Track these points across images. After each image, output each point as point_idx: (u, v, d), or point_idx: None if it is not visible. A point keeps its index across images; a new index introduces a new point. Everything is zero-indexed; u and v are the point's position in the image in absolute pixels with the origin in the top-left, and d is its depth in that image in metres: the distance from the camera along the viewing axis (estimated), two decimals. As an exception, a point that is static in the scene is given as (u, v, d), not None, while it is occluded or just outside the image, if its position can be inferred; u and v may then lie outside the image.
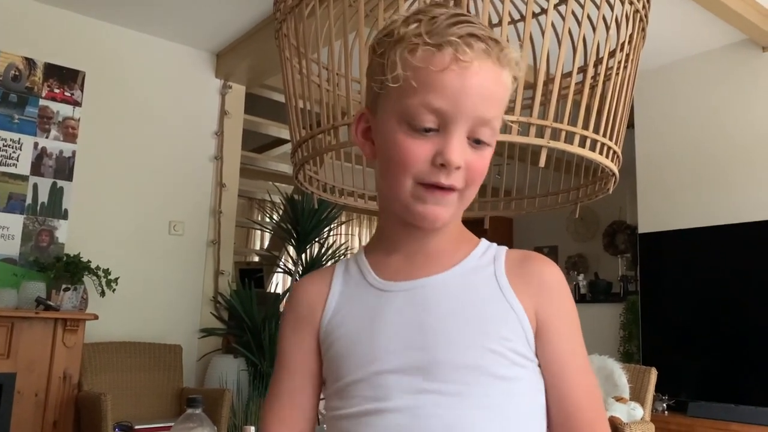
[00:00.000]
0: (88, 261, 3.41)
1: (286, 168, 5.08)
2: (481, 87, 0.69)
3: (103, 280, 3.43)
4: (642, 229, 3.84)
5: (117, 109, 3.82)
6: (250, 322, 3.76)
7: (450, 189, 0.71)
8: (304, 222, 4.22)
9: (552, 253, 5.65)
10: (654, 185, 3.87)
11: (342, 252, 4.57)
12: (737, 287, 3.30)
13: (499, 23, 1.91)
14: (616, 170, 1.67)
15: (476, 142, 0.71)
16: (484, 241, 0.81)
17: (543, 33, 1.56)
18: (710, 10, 3.15)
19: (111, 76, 3.81)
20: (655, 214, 3.80)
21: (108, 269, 3.47)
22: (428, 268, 0.77)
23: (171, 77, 4.03)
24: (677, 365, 3.37)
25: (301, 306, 0.80)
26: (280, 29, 1.80)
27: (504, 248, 0.81)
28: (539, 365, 0.74)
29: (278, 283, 5.97)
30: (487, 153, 0.73)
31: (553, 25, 1.60)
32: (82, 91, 3.70)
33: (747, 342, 3.20)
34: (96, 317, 3.23)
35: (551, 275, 0.78)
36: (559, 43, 1.70)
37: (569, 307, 0.78)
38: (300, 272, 4.27)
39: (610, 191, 1.76)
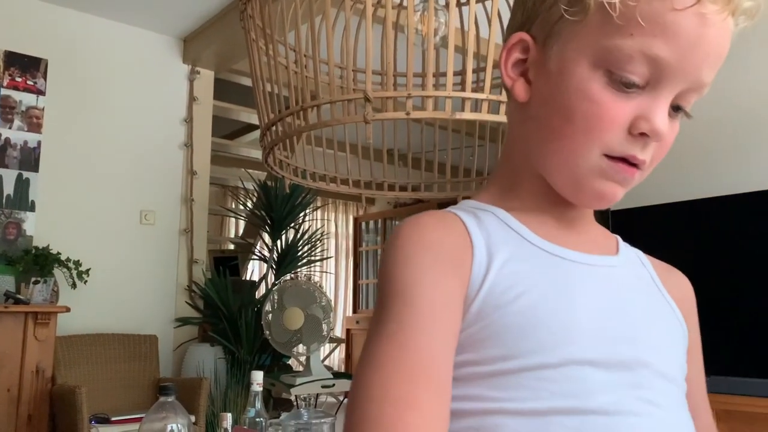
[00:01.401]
0: (58, 253, 3.35)
1: (258, 154, 5.03)
2: (718, 43, 0.53)
3: (74, 272, 3.38)
4: (614, 206, 3.88)
5: (82, 97, 3.73)
6: (226, 310, 3.74)
7: (637, 166, 0.56)
8: (278, 208, 4.19)
9: (527, 232, 5.69)
10: (625, 163, 3.90)
11: (318, 237, 4.54)
12: (709, 261, 3.35)
13: (468, 2, 1.89)
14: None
15: (675, 110, 0.56)
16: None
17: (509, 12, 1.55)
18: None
19: (75, 63, 3.72)
20: (627, 191, 3.84)
21: (79, 261, 3.41)
22: (593, 243, 0.63)
23: (137, 64, 3.95)
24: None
25: (443, 244, 0.56)
26: (245, 11, 1.76)
27: (636, 249, 0.71)
28: None
29: (254, 270, 5.94)
30: (677, 126, 0.58)
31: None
32: (45, 79, 3.61)
33: (717, 315, 3.26)
34: (68, 310, 3.18)
35: (693, 291, 0.71)
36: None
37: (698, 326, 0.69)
38: (275, 259, 4.25)
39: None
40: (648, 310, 0.60)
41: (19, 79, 3.53)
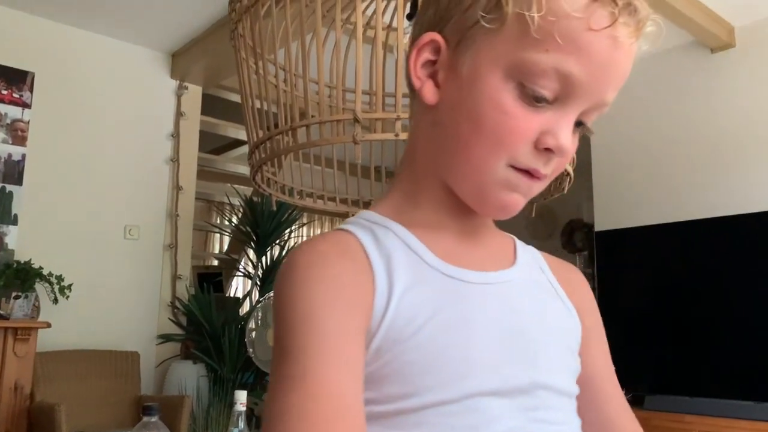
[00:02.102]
0: (40, 267, 3.31)
1: (245, 170, 5.02)
2: (625, 65, 0.54)
3: (56, 287, 3.34)
4: (598, 227, 3.91)
5: (69, 111, 3.71)
6: (209, 327, 3.70)
7: (541, 178, 0.56)
8: (263, 224, 4.18)
9: (511, 251, 5.72)
10: (609, 184, 3.95)
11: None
12: (691, 283, 3.39)
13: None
14: (570, 170, 1.69)
15: (577, 125, 0.56)
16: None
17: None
18: (659, 13, 3.23)
19: (62, 77, 3.71)
20: (611, 213, 3.88)
21: (61, 275, 3.37)
22: (490, 257, 0.62)
23: (124, 78, 3.94)
24: (634, 360, 3.44)
25: (343, 278, 0.53)
26: (236, 29, 1.77)
27: (532, 247, 0.70)
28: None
29: (238, 287, 5.90)
30: (577, 140, 0.58)
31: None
32: (31, 92, 3.59)
33: (701, 337, 3.29)
34: (48, 325, 3.14)
35: (588, 285, 0.71)
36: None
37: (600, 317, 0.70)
38: (260, 276, 4.23)
39: (565, 191, 1.79)
40: (544, 322, 0.60)
41: (5, 92, 3.50)
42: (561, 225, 5.57)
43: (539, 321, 0.60)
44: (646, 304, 3.53)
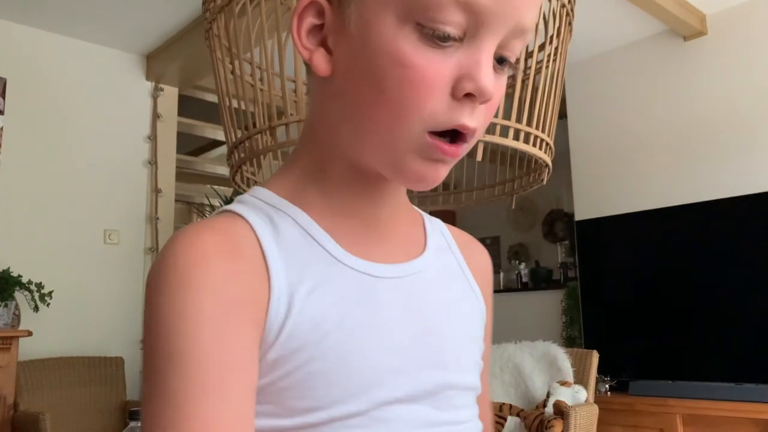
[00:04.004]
0: (19, 276, 3.27)
1: (224, 170, 4.99)
2: None
3: (36, 295, 3.29)
4: (578, 216, 3.95)
5: (43, 116, 3.66)
6: (193, 329, 3.68)
7: (465, 136, 0.48)
8: (245, 224, 4.16)
9: (494, 243, 5.75)
10: (588, 174, 3.98)
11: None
12: (671, 269, 3.43)
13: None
14: (549, 161, 1.71)
15: (500, 63, 0.48)
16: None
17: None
18: (633, 3, 3.26)
19: (34, 82, 3.66)
20: (590, 202, 3.92)
21: (41, 283, 3.33)
22: (401, 245, 0.57)
23: (99, 81, 3.90)
24: (618, 347, 3.48)
25: (231, 282, 0.46)
26: (210, 29, 1.76)
27: (439, 221, 0.65)
28: None
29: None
30: (504, 81, 0.50)
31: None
32: (3, 98, 3.53)
33: (682, 322, 3.34)
34: (30, 334, 3.10)
35: (490, 262, 0.67)
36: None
37: None
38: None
39: (544, 182, 1.80)
40: (453, 316, 0.57)
41: (-24, 99, 3.44)
42: (542, 216, 5.61)
43: (449, 315, 0.56)
44: (627, 292, 3.57)
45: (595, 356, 3.08)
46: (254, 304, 0.46)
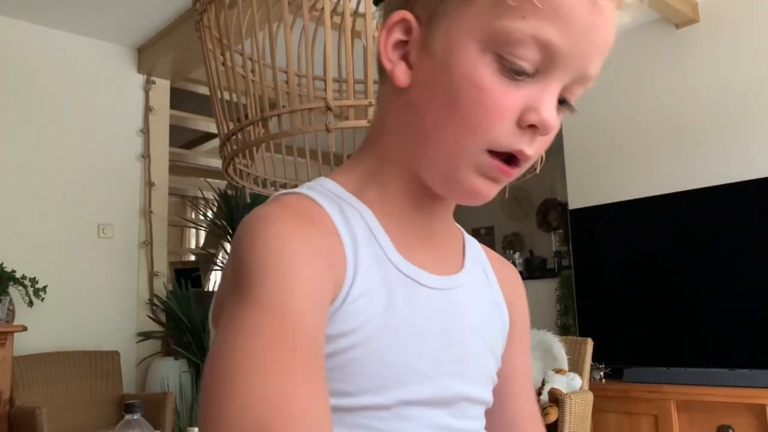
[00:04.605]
0: (13, 271, 3.26)
1: (217, 163, 4.97)
2: (607, 32, 0.51)
3: (30, 290, 3.29)
4: (572, 205, 3.96)
5: (34, 110, 3.64)
6: (189, 322, 3.68)
7: (520, 161, 0.53)
8: (239, 217, 4.15)
9: (488, 233, 5.76)
10: (581, 163, 3.99)
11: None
12: (664, 256, 3.45)
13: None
14: (543, 149, 1.71)
15: (560, 103, 0.53)
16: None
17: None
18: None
19: (25, 76, 3.63)
20: (584, 191, 3.93)
21: (35, 278, 3.32)
22: (445, 258, 0.60)
23: (90, 75, 3.87)
24: (612, 334, 3.50)
25: (319, 243, 0.49)
26: (201, 20, 1.75)
27: (475, 240, 0.68)
28: None
29: (216, 281, 5.87)
30: (560, 120, 0.54)
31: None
32: (-7, 92, 3.50)
33: (676, 309, 3.35)
34: (25, 329, 3.09)
35: (522, 283, 0.71)
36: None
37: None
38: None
39: (537, 171, 1.80)
40: (480, 332, 0.60)
41: (-34, 93, 3.42)
42: (536, 205, 5.62)
43: (475, 330, 0.59)
44: (621, 279, 3.59)
45: (590, 344, 3.10)
46: (335, 269, 0.49)
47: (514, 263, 5.13)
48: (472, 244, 0.66)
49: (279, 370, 0.40)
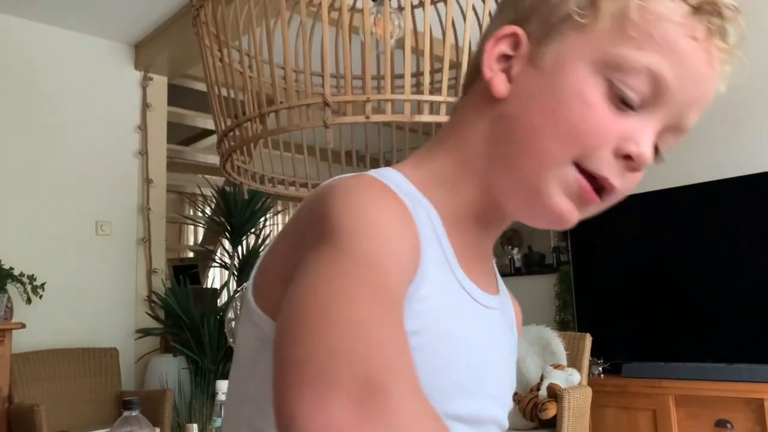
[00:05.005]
0: (11, 268, 3.25)
1: (216, 160, 4.97)
2: (712, 86, 0.52)
3: (29, 287, 3.28)
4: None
5: (31, 107, 3.63)
6: (188, 319, 3.68)
7: (603, 193, 0.52)
8: (237, 214, 4.15)
9: (486, 229, 5.76)
10: (579, 158, 3.99)
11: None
12: (663, 251, 3.45)
13: (421, 4, 1.91)
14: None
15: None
16: None
17: (464, 15, 1.57)
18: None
19: (22, 72, 3.62)
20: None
21: (33, 275, 3.32)
22: (488, 279, 0.59)
23: (87, 71, 3.86)
24: (611, 329, 3.50)
25: (408, 224, 0.48)
26: (198, 16, 1.74)
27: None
28: None
29: (215, 278, 5.87)
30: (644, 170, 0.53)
31: (474, 7, 1.61)
32: (-10, 89, 3.50)
33: (674, 303, 3.36)
34: (23, 326, 3.09)
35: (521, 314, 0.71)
36: (480, 23, 1.72)
37: None
38: (237, 266, 4.21)
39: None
40: (507, 357, 0.61)
41: (-38, 90, 3.41)
42: (534, 201, 5.63)
43: (502, 354, 0.60)
44: (619, 275, 3.59)
45: (588, 339, 3.10)
46: (414, 261, 0.48)
47: (512, 259, 5.14)
48: (498, 276, 0.66)
49: (375, 318, 0.38)
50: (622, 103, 0.50)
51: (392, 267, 0.43)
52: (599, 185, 0.51)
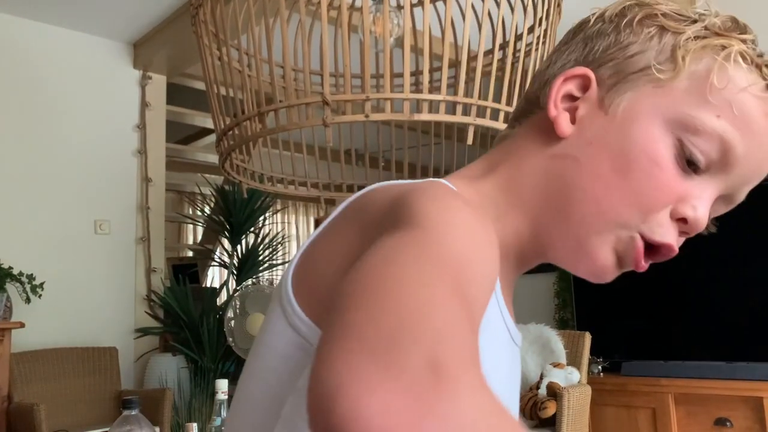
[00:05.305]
0: (10, 267, 3.25)
1: (215, 159, 4.97)
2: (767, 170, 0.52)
3: (28, 286, 3.28)
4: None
5: (29, 106, 3.63)
6: (187, 318, 3.68)
7: (658, 256, 0.52)
8: (236, 213, 4.15)
9: (486, 228, 5.77)
10: (579, 156, 3.99)
11: (279, 241, 4.51)
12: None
13: (420, 3, 1.91)
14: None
15: None
16: None
17: (463, 14, 1.57)
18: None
19: (20, 71, 3.62)
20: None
21: (32, 274, 3.31)
22: (511, 315, 0.58)
23: (85, 70, 3.86)
24: (610, 328, 3.50)
25: (494, 256, 0.43)
26: (197, 15, 1.74)
27: None
28: None
29: (214, 276, 5.87)
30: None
31: (473, 6, 1.61)
32: (-11, 88, 3.49)
33: (673, 302, 3.36)
34: (22, 325, 3.09)
35: None
36: (479, 23, 1.72)
37: None
38: (236, 264, 4.21)
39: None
40: (516, 388, 0.59)
41: (-39, 89, 3.41)
42: (533, 199, 5.64)
43: (515, 389, 0.59)
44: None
45: (588, 338, 3.10)
46: (492, 283, 0.43)
47: (511, 258, 5.14)
48: None
49: (451, 308, 0.32)
50: (689, 165, 0.49)
51: (478, 276, 0.38)
52: (653, 247, 0.51)
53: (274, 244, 4.43)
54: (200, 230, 6.11)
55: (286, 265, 0.50)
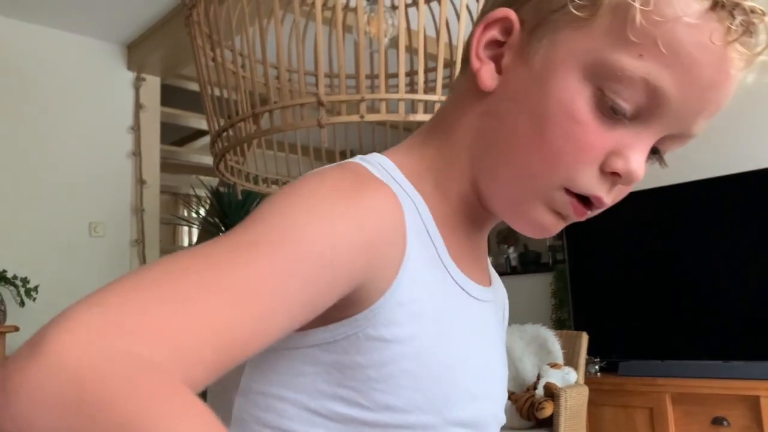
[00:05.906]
0: (4, 270, 3.23)
1: (209, 160, 4.95)
2: (725, 94, 0.46)
3: (22, 290, 3.26)
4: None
5: (21, 108, 3.61)
6: (182, 320, 3.66)
7: (593, 206, 0.49)
8: (232, 215, 4.13)
9: (482, 228, 5.76)
10: (574, 156, 3.99)
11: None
12: (659, 249, 3.45)
13: (415, 3, 1.90)
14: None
15: (652, 153, 0.49)
16: None
17: (458, 14, 1.57)
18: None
19: (11, 73, 3.59)
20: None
21: (26, 277, 3.29)
22: (482, 270, 0.57)
23: (79, 72, 3.84)
24: (607, 328, 3.50)
25: (383, 224, 0.44)
26: (190, 16, 1.73)
27: None
28: None
29: (210, 278, 5.84)
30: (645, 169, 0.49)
31: (467, 6, 1.60)
32: (-19, 91, 3.47)
33: (670, 301, 3.36)
34: (16, 329, 3.07)
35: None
36: (474, 22, 1.71)
37: None
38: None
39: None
40: (499, 346, 0.58)
41: (-47, 92, 3.38)
42: (529, 199, 5.63)
43: (497, 348, 0.57)
44: (615, 273, 3.59)
45: (585, 338, 3.10)
46: (385, 257, 0.44)
47: (508, 258, 5.14)
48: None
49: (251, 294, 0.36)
50: (613, 113, 0.45)
51: (314, 254, 0.38)
52: (588, 200, 0.49)
53: (270, 245, 4.41)
54: (195, 232, 6.09)
55: None
